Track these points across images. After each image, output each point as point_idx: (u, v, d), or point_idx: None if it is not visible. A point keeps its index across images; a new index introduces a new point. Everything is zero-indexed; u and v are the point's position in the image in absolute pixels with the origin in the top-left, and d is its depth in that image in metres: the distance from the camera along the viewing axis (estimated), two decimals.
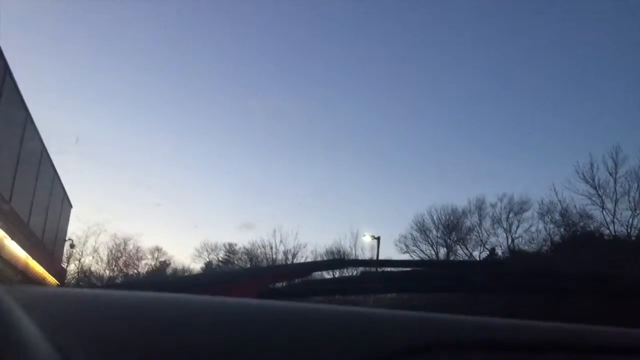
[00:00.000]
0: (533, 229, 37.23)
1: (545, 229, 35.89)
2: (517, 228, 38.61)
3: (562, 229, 34.20)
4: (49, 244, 19.45)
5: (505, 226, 39.12)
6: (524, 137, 53.73)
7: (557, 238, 34.23)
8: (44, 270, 18.41)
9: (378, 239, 32.00)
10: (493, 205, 39.74)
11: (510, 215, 39.05)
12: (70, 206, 23.80)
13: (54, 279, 21.21)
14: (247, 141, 62.76)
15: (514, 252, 36.00)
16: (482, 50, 53.61)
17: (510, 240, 38.74)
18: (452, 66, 56.16)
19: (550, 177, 58.63)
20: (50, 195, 17.86)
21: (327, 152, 64.54)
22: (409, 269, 3.31)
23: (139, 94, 60.63)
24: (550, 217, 35.34)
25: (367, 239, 33.90)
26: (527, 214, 38.18)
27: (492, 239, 39.74)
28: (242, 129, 62.97)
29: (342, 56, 58.46)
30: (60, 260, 26.85)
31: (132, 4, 57.03)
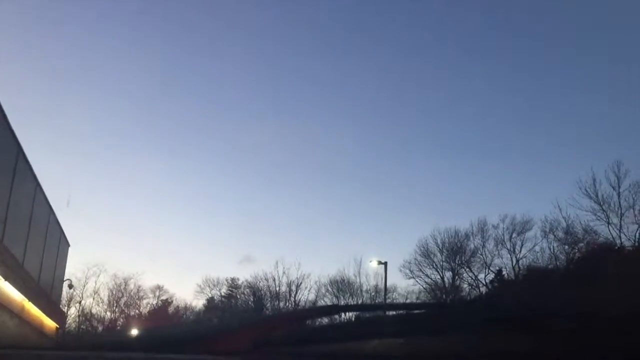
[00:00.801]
0: (537, 248, 36.82)
1: (549, 247, 35.43)
2: (521, 248, 38.27)
3: (566, 246, 33.73)
4: (46, 285, 18.81)
5: (509, 247, 38.70)
6: (524, 156, 53.76)
7: (562, 256, 33.74)
8: (42, 314, 17.74)
9: (385, 264, 31.30)
10: (495, 227, 39.38)
11: (514, 236, 38.67)
12: (68, 245, 23.23)
13: (53, 322, 20.47)
14: (245, 172, 62.76)
15: (528, 269, 35.33)
16: (483, 69, 54.06)
17: (515, 261, 38.18)
18: (451, 89, 56.61)
19: (552, 195, 58.53)
20: (46, 234, 17.32)
21: (325, 180, 64.31)
22: (403, 312, 3.06)
23: (138, 131, 60.83)
24: (554, 235, 34.88)
25: (373, 265, 33.15)
26: (530, 234, 37.84)
27: (497, 261, 39.22)
28: (241, 161, 62.99)
29: (342, 85, 58.91)
30: (59, 302, 26.06)
31: (120, 53, 57.83)
